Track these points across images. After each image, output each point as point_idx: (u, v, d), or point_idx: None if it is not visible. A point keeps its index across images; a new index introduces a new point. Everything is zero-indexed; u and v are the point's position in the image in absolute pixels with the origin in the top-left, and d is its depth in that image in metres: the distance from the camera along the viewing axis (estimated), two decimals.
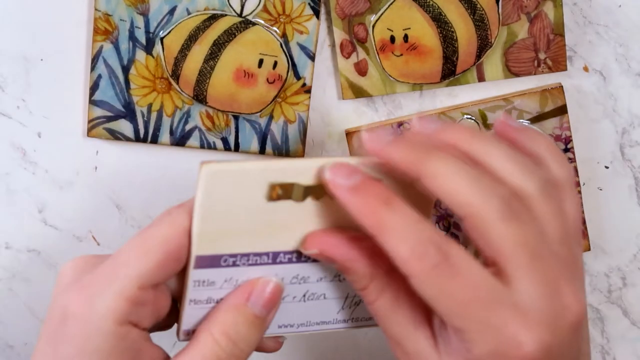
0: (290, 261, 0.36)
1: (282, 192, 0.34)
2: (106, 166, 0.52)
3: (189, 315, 0.36)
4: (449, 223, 0.52)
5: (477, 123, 0.51)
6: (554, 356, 0.31)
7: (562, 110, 0.51)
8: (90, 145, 0.52)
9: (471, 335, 0.31)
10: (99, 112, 0.50)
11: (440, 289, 0.31)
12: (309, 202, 0.35)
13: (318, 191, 0.35)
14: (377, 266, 0.34)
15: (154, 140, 0.51)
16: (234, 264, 0.36)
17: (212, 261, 0.35)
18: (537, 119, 0.51)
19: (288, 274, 0.37)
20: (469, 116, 0.51)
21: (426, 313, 0.34)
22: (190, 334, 0.37)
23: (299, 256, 0.36)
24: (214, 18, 0.49)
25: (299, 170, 0.34)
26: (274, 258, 0.36)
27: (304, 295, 0.38)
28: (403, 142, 0.33)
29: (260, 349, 0.40)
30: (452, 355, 0.33)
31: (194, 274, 0.35)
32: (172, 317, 0.38)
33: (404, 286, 0.33)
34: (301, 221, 0.35)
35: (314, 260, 0.37)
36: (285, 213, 0.35)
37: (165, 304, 0.37)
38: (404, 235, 0.31)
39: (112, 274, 0.34)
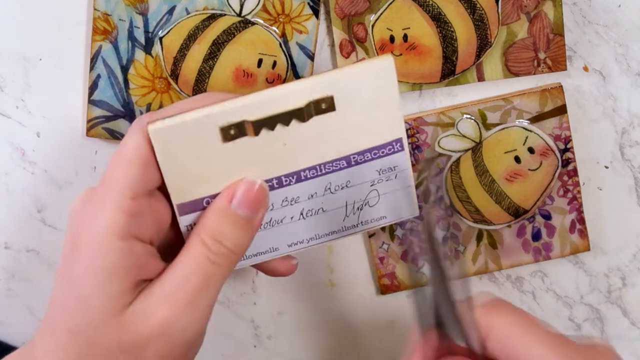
0: (272, 188, 0.38)
1: (235, 131, 0.36)
2: (105, 166, 0.51)
3: None
4: (449, 223, 0.52)
5: (477, 123, 0.51)
6: None
7: (561, 110, 0.51)
8: (90, 145, 0.52)
9: None
10: (98, 112, 0.50)
11: None
12: (264, 134, 0.36)
13: (270, 123, 0.36)
14: None
15: None
16: None
17: (194, 206, 0.37)
18: (536, 119, 0.51)
19: (276, 199, 0.38)
20: (469, 116, 0.51)
21: None
22: None
23: (279, 182, 0.38)
24: (213, 18, 0.49)
25: (243, 109, 0.36)
26: None
27: (302, 214, 0.39)
28: None
29: (273, 272, 0.42)
30: None
31: (182, 221, 0.38)
32: (177, 229, 0.39)
33: None
34: (261, 153, 0.37)
35: (297, 182, 0.38)
36: (245, 149, 0.37)
37: (165, 212, 0.38)
38: None
39: (105, 192, 0.36)
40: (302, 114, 0.36)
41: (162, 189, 0.38)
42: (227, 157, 0.37)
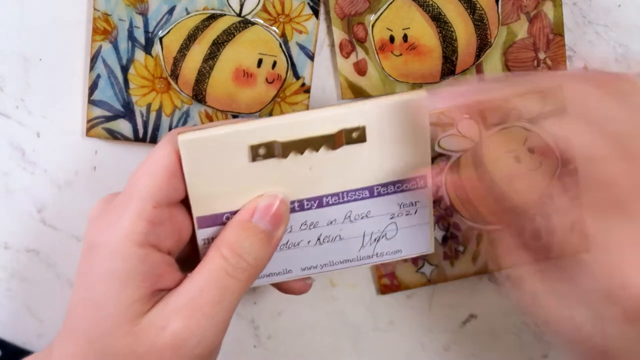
0: (293, 210, 0.38)
1: (264, 151, 0.36)
2: (105, 166, 0.52)
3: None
4: (449, 223, 0.52)
5: (477, 123, 0.51)
6: None
7: (561, 111, 0.51)
8: (89, 145, 0.52)
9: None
10: (98, 111, 0.50)
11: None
12: (292, 157, 0.36)
13: (299, 146, 0.36)
14: None
15: (153, 140, 0.51)
16: None
17: (214, 220, 0.37)
18: (536, 119, 0.51)
19: (295, 222, 0.39)
20: (469, 116, 0.51)
21: None
22: None
23: (300, 205, 0.38)
24: (213, 18, 0.49)
25: (274, 129, 0.36)
26: None
27: (319, 239, 0.39)
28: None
29: (287, 290, 0.42)
30: None
31: (199, 234, 0.38)
32: (197, 243, 0.39)
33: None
34: (286, 175, 0.37)
35: (318, 207, 0.38)
36: (271, 170, 0.37)
37: (186, 225, 0.38)
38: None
39: (127, 199, 0.36)
40: (332, 141, 0.37)
41: (185, 202, 0.38)
42: (253, 176, 0.37)
